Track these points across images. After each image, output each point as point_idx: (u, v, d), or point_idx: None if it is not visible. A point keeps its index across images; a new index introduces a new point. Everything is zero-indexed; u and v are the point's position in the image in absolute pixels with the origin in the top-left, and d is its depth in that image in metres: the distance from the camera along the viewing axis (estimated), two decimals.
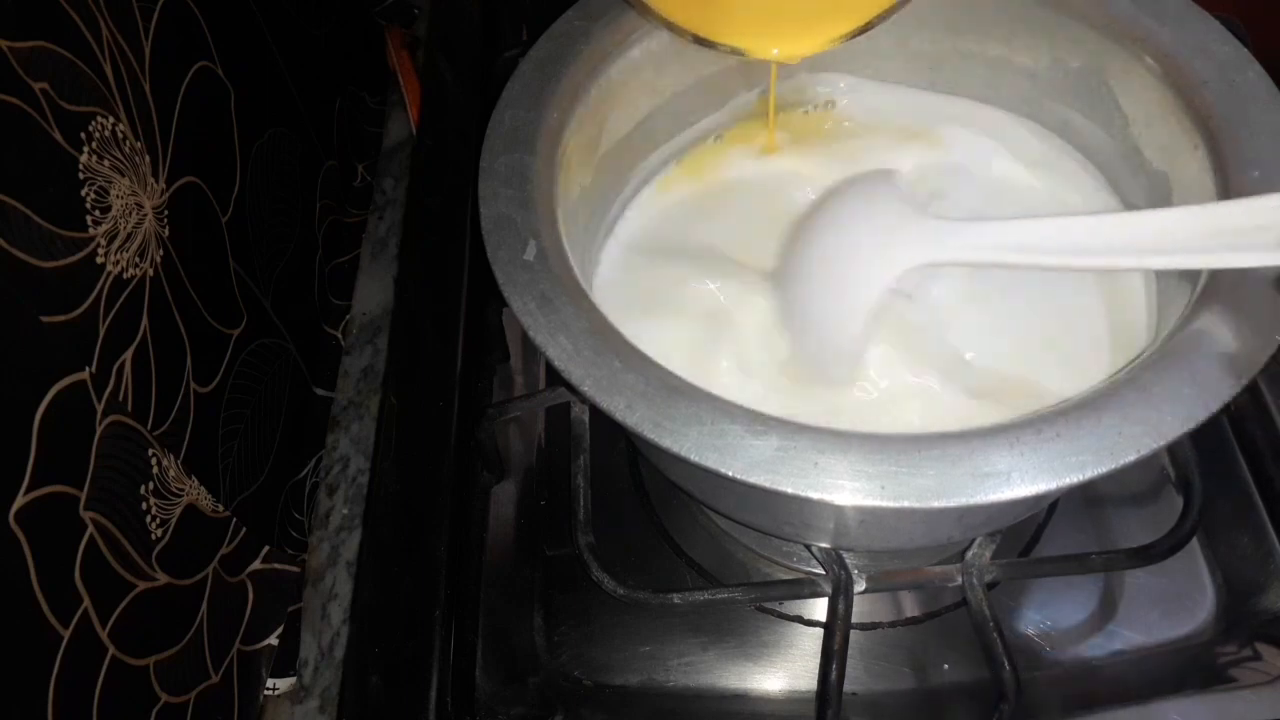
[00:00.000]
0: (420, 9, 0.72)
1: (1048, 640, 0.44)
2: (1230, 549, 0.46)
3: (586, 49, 0.40)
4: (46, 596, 0.32)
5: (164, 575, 0.39)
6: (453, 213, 0.52)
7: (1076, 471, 0.28)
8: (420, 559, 0.43)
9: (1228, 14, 0.40)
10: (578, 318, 0.33)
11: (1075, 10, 0.40)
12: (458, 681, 0.41)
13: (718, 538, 0.48)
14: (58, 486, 0.32)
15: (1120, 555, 0.41)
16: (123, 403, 0.37)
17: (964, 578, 0.40)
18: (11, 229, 0.31)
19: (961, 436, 0.29)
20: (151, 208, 0.39)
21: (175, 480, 0.40)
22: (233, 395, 0.46)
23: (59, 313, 0.33)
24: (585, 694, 0.45)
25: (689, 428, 0.30)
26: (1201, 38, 0.37)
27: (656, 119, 0.45)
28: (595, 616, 0.46)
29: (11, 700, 0.31)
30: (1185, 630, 0.45)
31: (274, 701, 0.47)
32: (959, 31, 0.45)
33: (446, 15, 0.62)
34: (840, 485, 0.29)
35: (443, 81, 0.58)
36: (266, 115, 0.52)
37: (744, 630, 0.46)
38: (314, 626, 0.49)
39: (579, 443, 0.43)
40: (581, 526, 0.41)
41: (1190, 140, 0.37)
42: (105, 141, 0.36)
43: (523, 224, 0.35)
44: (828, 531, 0.38)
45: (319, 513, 0.53)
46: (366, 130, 0.67)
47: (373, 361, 0.57)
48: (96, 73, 0.36)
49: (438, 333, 0.49)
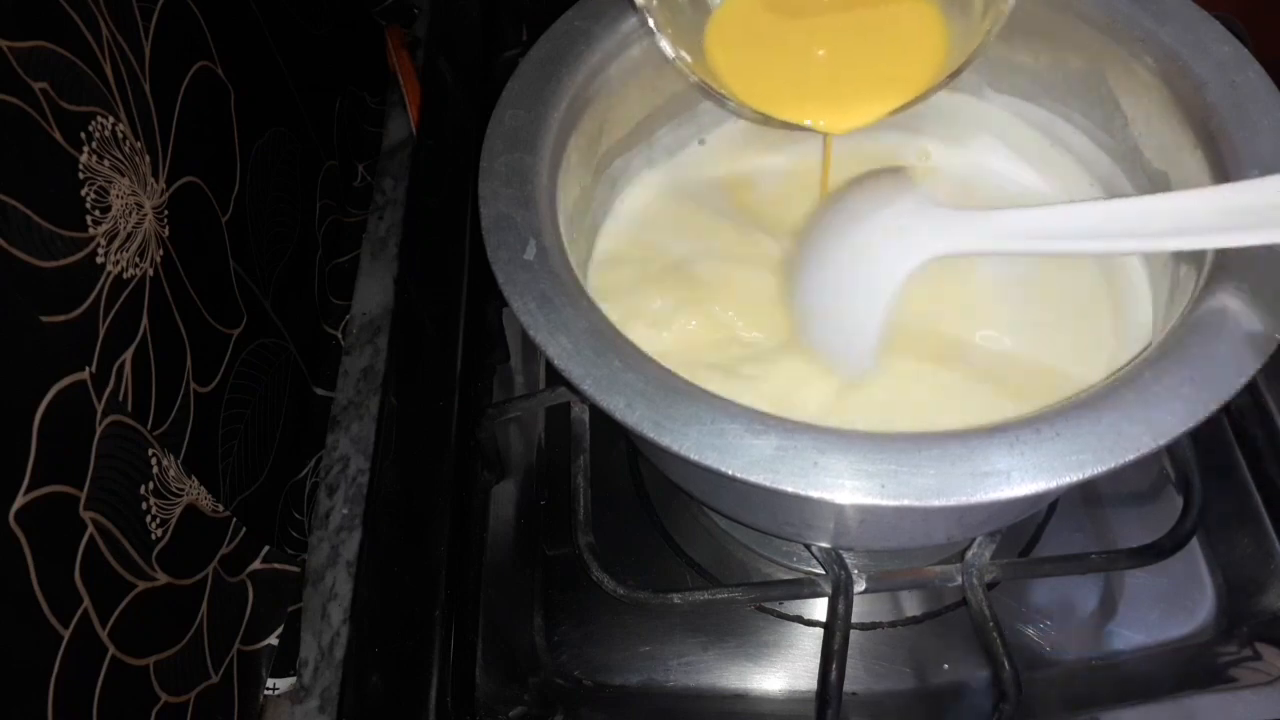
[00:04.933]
0: (420, 9, 0.72)
1: (1048, 640, 0.44)
2: (1230, 549, 0.46)
3: (586, 49, 0.40)
4: (46, 596, 0.32)
5: (164, 575, 0.39)
6: (453, 213, 0.52)
7: (1076, 471, 0.28)
8: (420, 559, 0.42)
9: (1228, 14, 0.40)
10: (578, 318, 0.33)
11: (1075, 10, 0.40)
12: (458, 681, 0.41)
13: (718, 538, 0.48)
14: (58, 486, 0.32)
15: (1120, 555, 0.41)
16: (123, 403, 0.37)
17: (964, 578, 0.40)
18: (11, 229, 0.31)
19: (961, 436, 0.29)
20: (151, 208, 0.39)
21: (175, 480, 0.40)
22: (233, 395, 0.46)
23: (59, 313, 0.33)
24: (585, 694, 0.45)
25: (689, 427, 0.30)
26: (1201, 38, 0.37)
27: (656, 119, 0.45)
28: (595, 616, 0.46)
29: (11, 700, 0.31)
30: (1185, 630, 0.45)
31: (274, 701, 0.47)
32: None
33: (446, 15, 0.62)
34: (840, 484, 0.29)
35: (443, 81, 0.58)
36: (266, 115, 0.52)
37: (744, 630, 0.46)
38: (314, 626, 0.49)
39: (579, 443, 0.43)
40: (581, 526, 0.41)
41: (1190, 140, 0.37)
42: (105, 141, 0.36)
43: (523, 224, 0.35)
44: (828, 531, 0.38)
45: (319, 513, 0.53)
46: (366, 130, 0.67)
47: (373, 361, 0.57)
48: (96, 73, 0.36)
49: (438, 333, 0.49)
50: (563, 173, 0.39)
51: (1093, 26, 0.40)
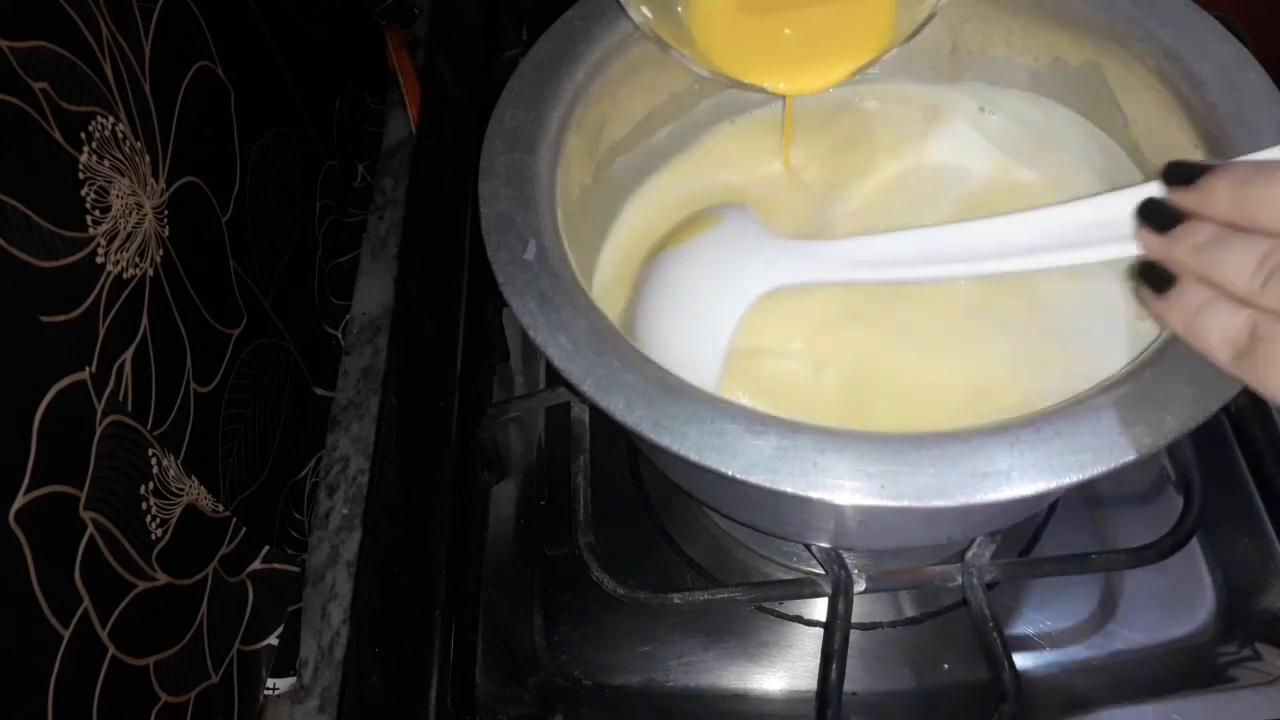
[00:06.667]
0: (420, 9, 0.72)
1: (1048, 640, 0.44)
2: (1230, 549, 0.46)
3: (586, 49, 0.40)
4: (46, 596, 0.32)
5: (164, 575, 0.39)
6: (453, 213, 0.52)
7: (1076, 471, 0.28)
8: (420, 559, 0.42)
9: (1228, 14, 0.40)
10: (578, 318, 0.33)
11: (1075, 10, 0.40)
12: (458, 681, 0.41)
13: (718, 538, 0.48)
14: (58, 486, 0.32)
15: (1120, 555, 0.41)
16: (123, 403, 0.37)
17: (964, 578, 0.40)
18: (11, 229, 0.31)
19: (961, 436, 0.29)
20: (151, 208, 0.39)
21: (175, 480, 0.40)
22: (233, 395, 0.46)
23: (59, 313, 0.33)
24: (585, 694, 0.45)
25: (689, 427, 0.30)
26: (1201, 38, 0.37)
27: (656, 119, 0.45)
28: (595, 616, 0.46)
29: (11, 700, 0.31)
30: (1185, 630, 0.45)
31: (274, 701, 0.47)
32: (959, 32, 0.45)
33: (446, 15, 0.62)
34: (840, 484, 0.29)
35: (443, 81, 0.58)
36: (266, 115, 0.52)
37: (744, 630, 0.46)
38: (314, 626, 0.49)
39: (579, 443, 0.43)
40: (581, 526, 0.42)
41: (1190, 140, 0.37)
42: (105, 141, 0.36)
43: (523, 224, 0.35)
44: (827, 531, 0.38)
45: (319, 513, 0.53)
46: (366, 130, 0.67)
47: (373, 361, 0.57)
48: (96, 73, 0.36)
49: (438, 333, 0.49)
50: (562, 173, 0.39)
51: (1093, 26, 0.40)
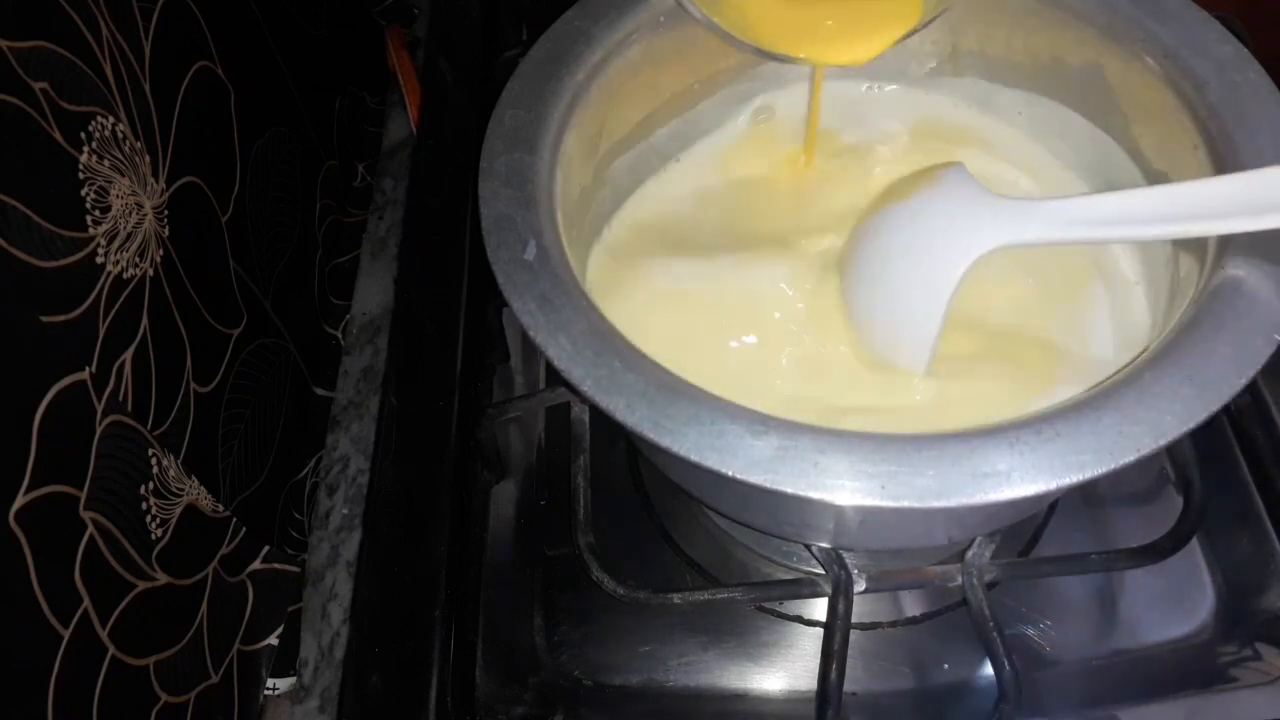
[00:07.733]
0: (420, 9, 0.72)
1: (1048, 640, 0.44)
2: (1230, 549, 0.46)
3: (586, 49, 0.40)
4: (46, 596, 0.32)
5: (164, 575, 0.39)
6: (453, 213, 0.52)
7: (1076, 471, 0.28)
8: (420, 559, 0.43)
9: (1228, 14, 0.40)
10: (578, 318, 0.33)
11: (1075, 10, 0.40)
12: (458, 681, 0.41)
13: (718, 538, 0.48)
14: (58, 486, 0.32)
15: (1120, 555, 0.41)
16: (123, 403, 0.37)
17: (964, 578, 0.40)
18: (11, 229, 0.31)
19: (961, 436, 0.29)
20: (151, 208, 0.39)
21: (175, 480, 0.40)
22: (233, 395, 0.46)
23: (59, 313, 0.33)
24: (585, 694, 0.45)
25: (689, 428, 0.30)
26: (1201, 38, 0.37)
27: (656, 119, 0.45)
28: (595, 616, 0.46)
29: (11, 700, 0.31)
30: (1185, 630, 0.45)
31: (274, 701, 0.47)
32: (959, 31, 0.45)
33: (446, 15, 0.62)
34: (840, 485, 0.29)
35: (443, 81, 0.58)
36: (266, 115, 0.52)
37: (744, 630, 0.46)
38: (314, 626, 0.49)
39: (579, 443, 0.43)
40: (581, 526, 0.41)
41: (1190, 140, 0.37)
42: (105, 141, 0.36)
43: (523, 224, 0.35)
44: (828, 531, 0.38)
45: (319, 513, 0.53)
46: (366, 130, 0.67)
47: (373, 361, 0.57)
48: (96, 73, 0.36)
49: (438, 333, 0.49)
50: (562, 173, 0.39)
51: (1093, 26, 0.40)
